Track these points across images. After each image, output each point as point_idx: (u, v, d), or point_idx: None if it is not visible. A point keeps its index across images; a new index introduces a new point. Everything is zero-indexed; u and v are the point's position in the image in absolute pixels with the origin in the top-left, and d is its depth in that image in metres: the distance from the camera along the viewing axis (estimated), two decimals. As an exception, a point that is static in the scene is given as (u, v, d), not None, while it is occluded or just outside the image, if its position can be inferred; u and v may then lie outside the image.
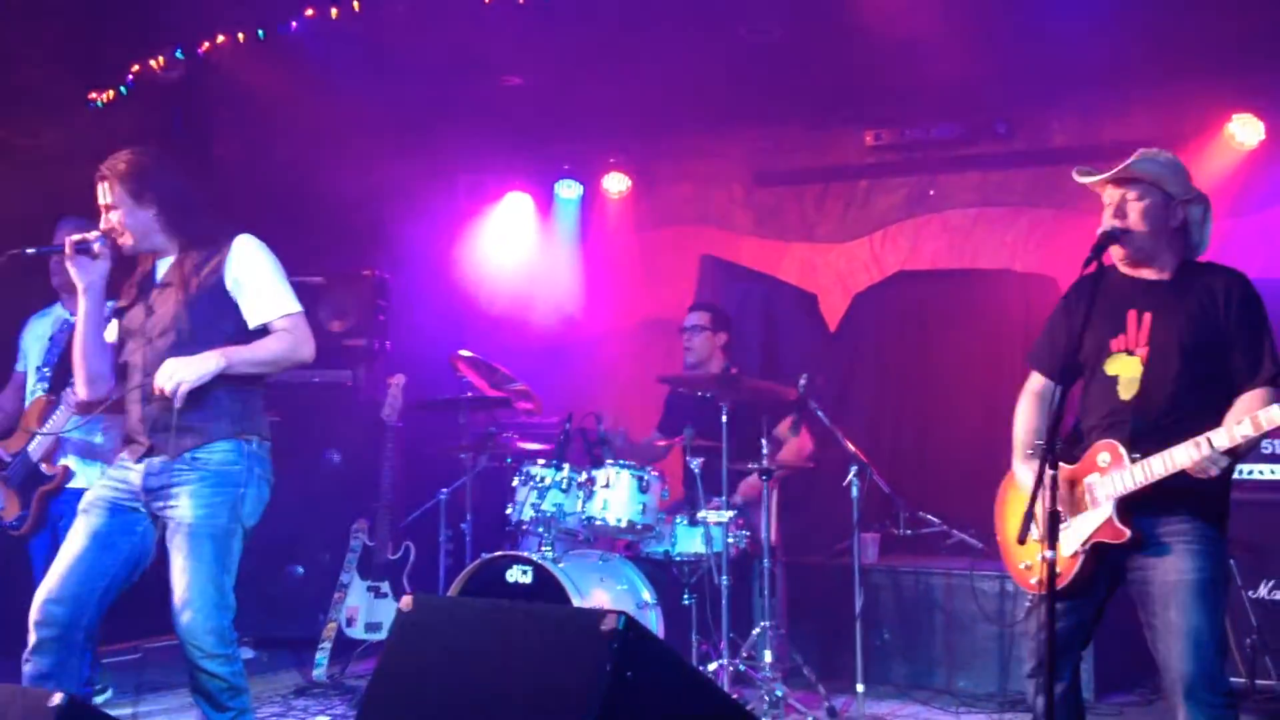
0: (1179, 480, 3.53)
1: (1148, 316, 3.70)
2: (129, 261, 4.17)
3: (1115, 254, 3.79)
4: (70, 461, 5.25)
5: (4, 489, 5.26)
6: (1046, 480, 3.32)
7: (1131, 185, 3.77)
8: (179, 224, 4.08)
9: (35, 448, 5.20)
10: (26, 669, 3.84)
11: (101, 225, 4.05)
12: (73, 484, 5.24)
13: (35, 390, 5.34)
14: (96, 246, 4.01)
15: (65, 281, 5.18)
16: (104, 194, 4.05)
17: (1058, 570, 3.59)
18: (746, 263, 8.39)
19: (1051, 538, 3.36)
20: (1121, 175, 3.77)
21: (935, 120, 7.74)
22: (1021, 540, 3.43)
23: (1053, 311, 4.01)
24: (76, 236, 4.01)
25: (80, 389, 4.13)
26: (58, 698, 3.06)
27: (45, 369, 5.33)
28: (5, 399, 5.49)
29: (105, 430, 5.27)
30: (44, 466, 5.21)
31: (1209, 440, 3.44)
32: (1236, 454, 3.48)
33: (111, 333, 4.14)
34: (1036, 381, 4.00)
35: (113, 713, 4.11)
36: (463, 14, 6.41)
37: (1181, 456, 3.49)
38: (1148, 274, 3.77)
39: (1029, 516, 3.45)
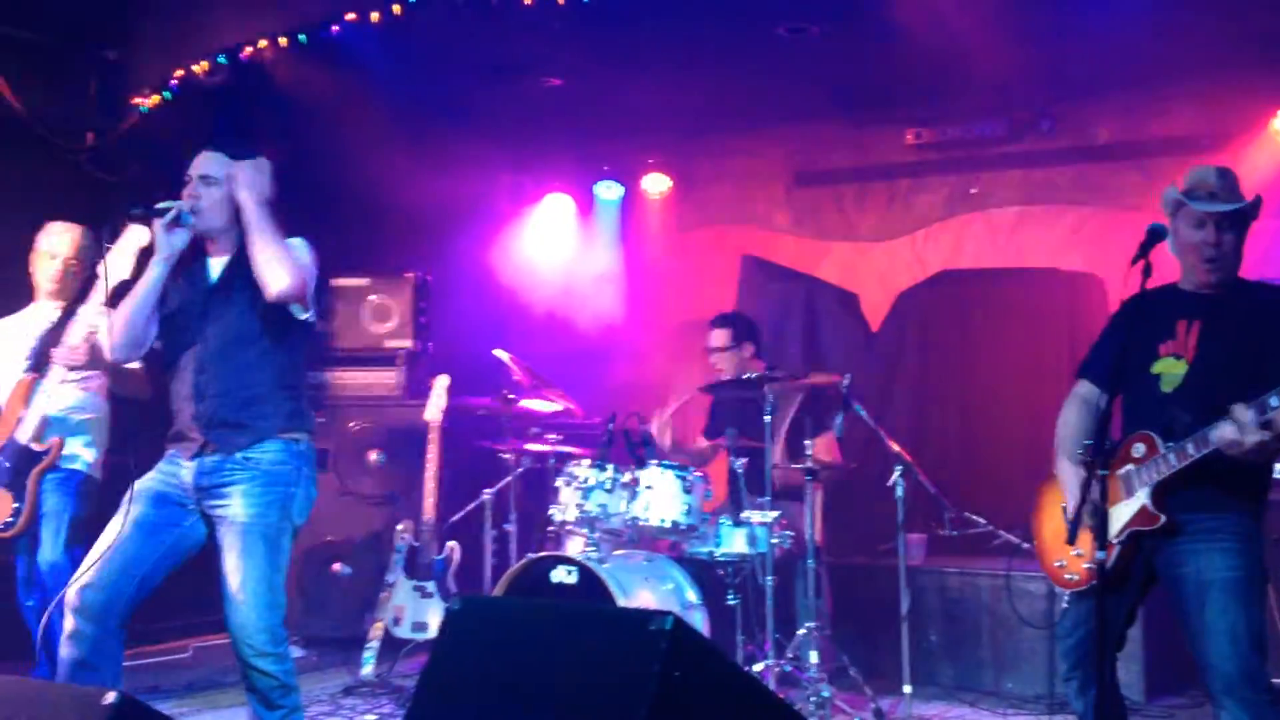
0: (1215, 471, 3.54)
1: (1197, 324, 3.74)
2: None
3: (1195, 274, 3.78)
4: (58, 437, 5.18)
5: None
6: (1094, 481, 3.33)
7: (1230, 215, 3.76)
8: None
9: (24, 430, 5.10)
10: (63, 654, 3.87)
11: (187, 194, 4.04)
12: (63, 464, 5.19)
13: (19, 378, 5.23)
14: (193, 222, 4.02)
15: (59, 289, 5.21)
16: (206, 164, 4.05)
17: (1090, 563, 3.59)
18: (787, 262, 8.37)
19: (1101, 539, 3.36)
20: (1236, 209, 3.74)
21: (977, 118, 7.70)
22: (1071, 540, 3.45)
23: (1106, 325, 4.03)
24: (176, 203, 3.98)
25: (116, 350, 4.06)
26: (111, 696, 3.06)
27: (32, 359, 5.23)
28: None
29: (92, 420, 5.28)
30: (34, 445, 5.11)
31: (1240, 406, 3.44)
32: (1274, 429, 3.44)
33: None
34: (1084, 387, 4.01)
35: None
36: (503, 16, 6.43)
37: (1214, 434, 3.50)
38: (1204, 289, 3.81)
39: (1077, 516, 3.48)
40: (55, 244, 5.32)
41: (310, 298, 4.07)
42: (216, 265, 4.14)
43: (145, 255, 4.11)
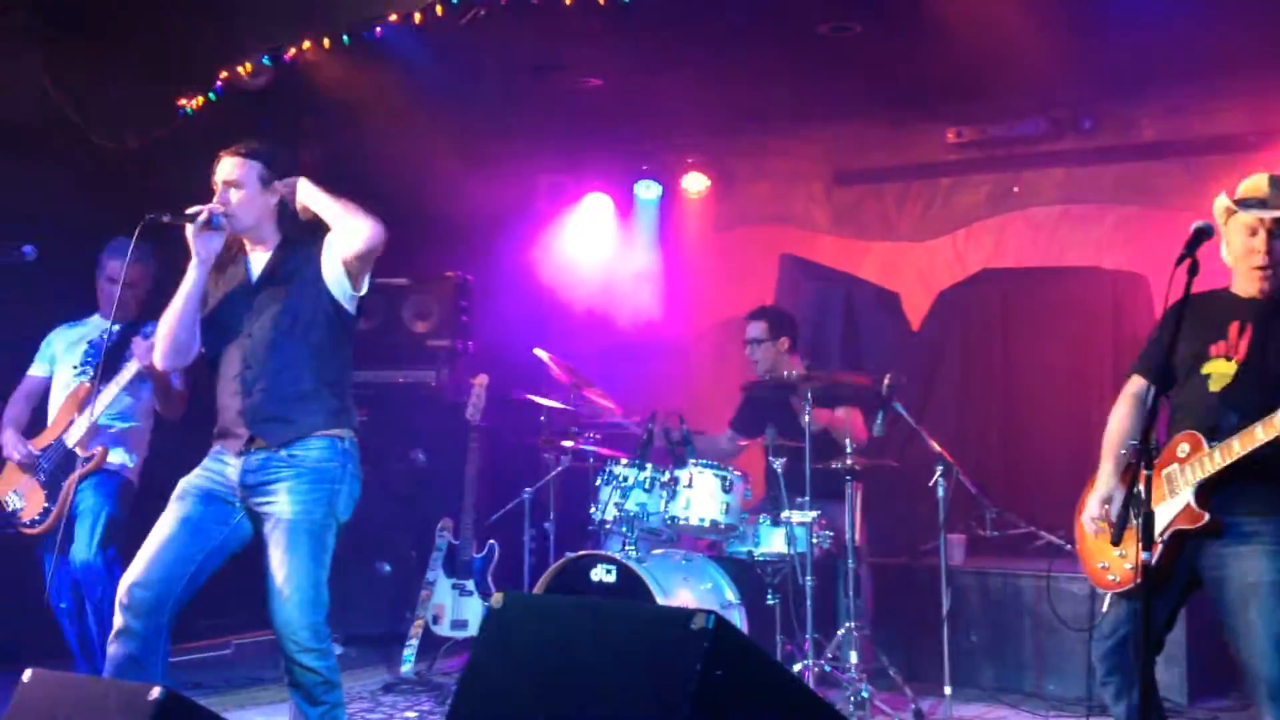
0: (1260, 474, 3.53)
1: (1249, 327, 3.73)
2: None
3: (1247, 280, 3.75)
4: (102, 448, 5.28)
5: (30, 485, 5.29)
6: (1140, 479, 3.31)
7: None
8: (290, 218, 4.14)
9: (72, 433, 5.23)
10: (112, 651, 3.90)
11: (216, 200, 4.06)
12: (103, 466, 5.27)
13: (71, 384, 5.37)
14: (223, 223, 4.04)
15: (118, 311, 5.29)
16: (229, 170, 4.08)
17: (1133, 564, 3.57)
18: (826, 262, 8.34)
19: (1147, 539, 3.33)
20: None
21: (1019, 116, 7.64)
22: (1116, 541, 3.43)
23: (1158, 323, 4.02)
24: (206, 207, 4.01)
25: (164, 358, 4.12)
26: (156, 691, 3.09)
27: (84, 367, 5.36)
28: (17, 402, 5.46)
29: (135, 426, 5.36)
30: (79, 450, 5.22)
31: None
32: None
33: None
34: (1135, 384, 4.00)
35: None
36: (543, 16, 6.44)
37: (1260, 430, 3.48)
38: (1258, 295, 3.79)
39: (1122, 515, 3.46)
40: (115, 269, 5.33)
41: (368, 273, 4.12)
42: (257, 260, 4.16)
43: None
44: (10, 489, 5.32)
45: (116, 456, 5.32)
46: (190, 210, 4.01)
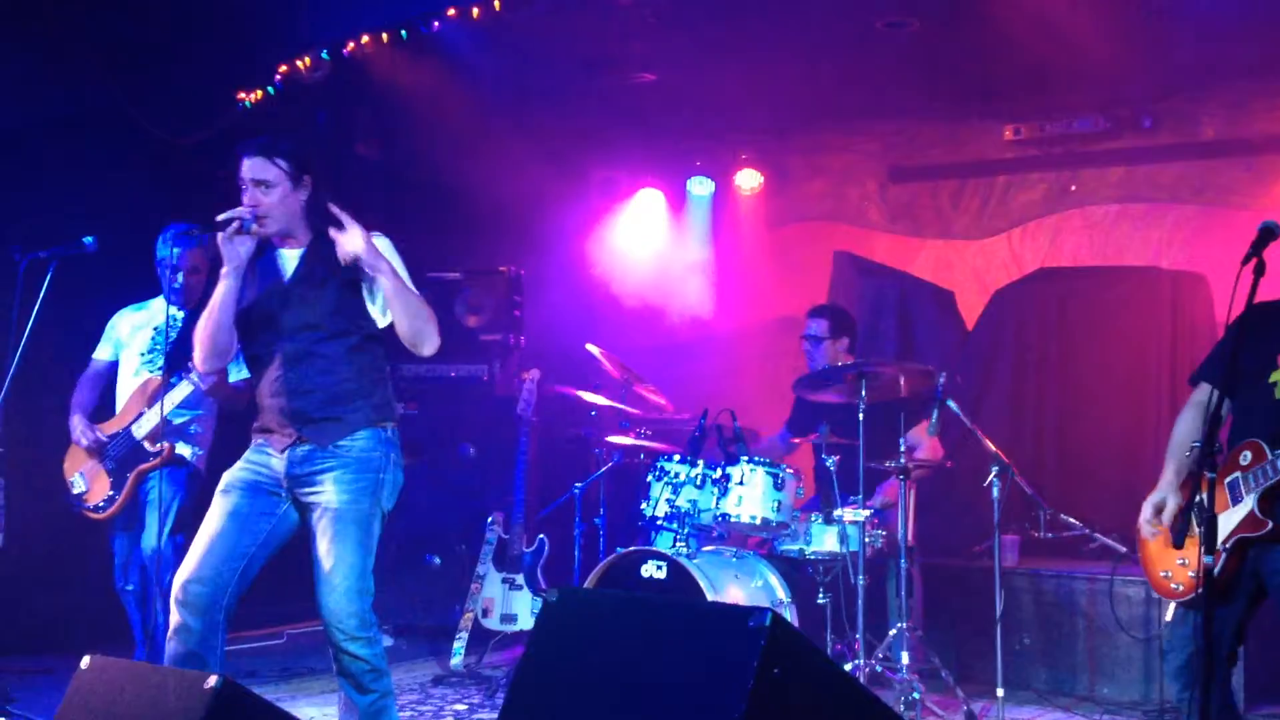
0: None
1: None
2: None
3: None
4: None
5: (95, 470, 5.35)
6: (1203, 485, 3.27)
7: None
8: (321, 214, 4.11)
9: (141, 426, 5.29)
10: (170, 647, 3.94)
11: (247, 202, 4.02)
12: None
13: (139, 373, 5.43)
14: (255, 227, 4.01)
15: (180, 297, 5.33)
16: (259, 170, 4.01)
17: (1196, 572, 3.53)
18: (880, 259, 8.29)
19: (1209, 543, 3.30)
20: None
21: (1077, 114, 7.58)
22: (1178, 544, 3.38)
23: (1224, 331, 3.96)
24: (237, 212, 3.98)
25: (204, 361, 4.14)
26: (213, 679, 3.11)
27: (151, 354, 5.42)
28: (85, 387, 5.52)
29: (201, 418, 5.41)
30: (147, 444, 5.29)
31: None
32: None
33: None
34: (1201, 393, 3.94)
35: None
36: (598, 11, 6.45)
37: None
38: None
39: (1185, 519, 3.44)
40: (175, 257, 5.38)
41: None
42: (290, 257, 4.13)
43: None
44: (76, 470, 5.41)
45: (184, 449, 5.39)
46: (221, 217, 3.97)
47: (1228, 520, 3.63)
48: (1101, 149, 7.61)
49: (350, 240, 3.90)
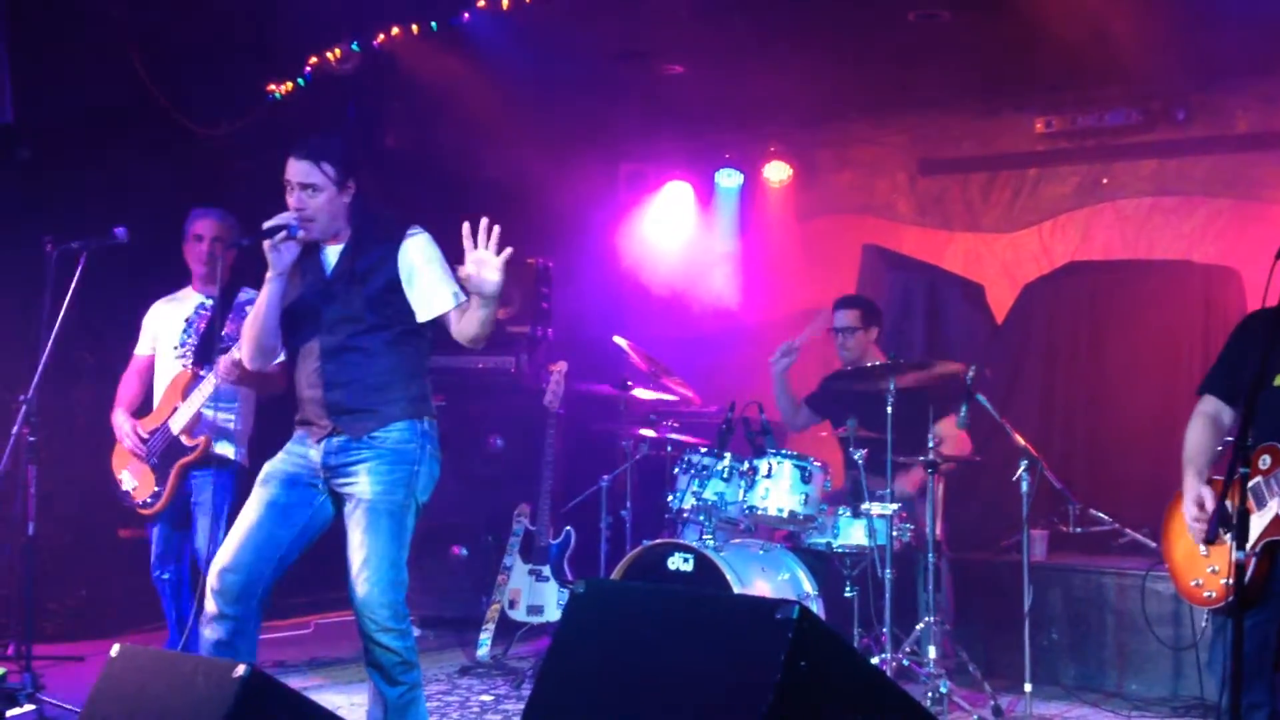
0: None
1: None
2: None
3: None
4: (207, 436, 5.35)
5: (140, 468, 5.37)
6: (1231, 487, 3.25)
7: None
8: (364, 212, 4.15)
9: (176, 420, 5.31)
10: (205, 635, 3.97)
11: (293, 204, 4.03)
12: (214, 461, 5.34)
13: (172, 366, 5.44)
14: (300, 234, 4.02)
15: (209, 272, 5.36)
16: (305, 174, 4.01)
17: (1229, 579, 3.50)
18: (909, 252, 8.24)
19: (1240, 537, 3.27)
20: None
21: (1109, 106, 7.51)
22: (1210, 540, 3.37)
23: (1227, 341, 3.94)
24: (283, 219, 3.99)
25: (252, 360, 4.18)
26: (241, 669, 3.13)
27: (183, 348, 5.44)
28: (129, 382, 5.55)
29: (239, 412, 5.42)
30: (184, 439, 5.31)
31: None
32: None
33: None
34: (1207, 403, 3.95)
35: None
36: (627, 3, 6.44)
37: None
38: None
39: (1215, 516, 3.42)
40: (202, 227, 5.47)
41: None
42: (332, 253, 4.15)
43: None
44: (124, 468, 5.45)
45: (227, 448, 5.39)
46: (268, 225, 3.99)
47: (1254, 525, 3.62)
48: (1134, 142, 7.54)
49: (490, 273, 3.93)
